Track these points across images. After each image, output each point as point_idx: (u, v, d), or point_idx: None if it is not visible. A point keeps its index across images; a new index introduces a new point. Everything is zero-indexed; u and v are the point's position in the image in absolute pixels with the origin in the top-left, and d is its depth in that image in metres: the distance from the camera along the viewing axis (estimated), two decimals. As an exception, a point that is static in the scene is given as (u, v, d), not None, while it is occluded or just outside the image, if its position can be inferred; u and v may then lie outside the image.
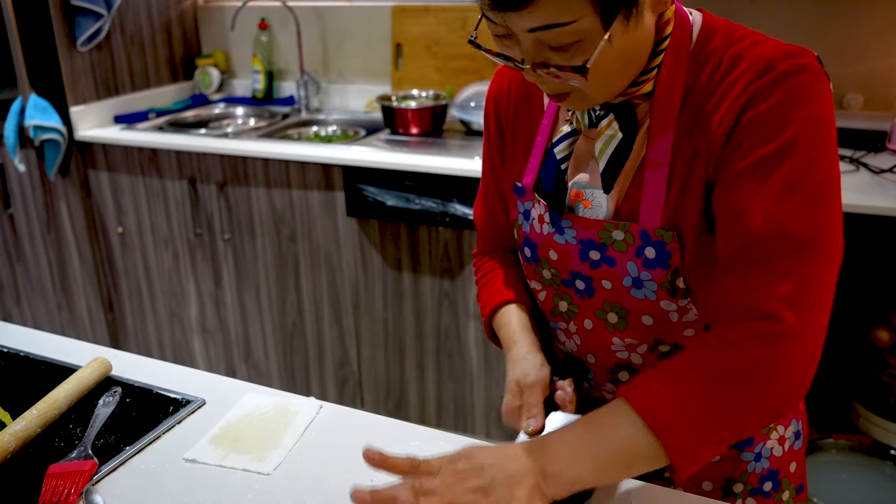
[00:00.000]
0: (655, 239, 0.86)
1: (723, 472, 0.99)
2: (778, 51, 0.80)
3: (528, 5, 0.74)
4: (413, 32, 2.76)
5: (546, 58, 0.79)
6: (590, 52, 0.77)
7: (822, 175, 0.79)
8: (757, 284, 0.79)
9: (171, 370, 1.19)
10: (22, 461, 0.97)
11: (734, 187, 0.81)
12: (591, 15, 0.75)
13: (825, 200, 0.80)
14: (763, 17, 2.32)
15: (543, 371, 0.96)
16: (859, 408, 2.13)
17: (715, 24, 0.87)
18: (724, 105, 0.81)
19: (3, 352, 1.23)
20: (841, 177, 0.83)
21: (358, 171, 2.27)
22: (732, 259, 0.81)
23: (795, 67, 0.78)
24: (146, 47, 2.92)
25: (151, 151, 2.59)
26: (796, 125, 0.78)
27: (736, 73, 0.81)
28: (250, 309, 2.65)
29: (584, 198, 0.92)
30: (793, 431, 1.03)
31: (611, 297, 0.92)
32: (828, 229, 0.80)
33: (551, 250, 0.95)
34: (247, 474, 0.93)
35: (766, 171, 0.79)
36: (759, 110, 0.79)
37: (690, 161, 0.84)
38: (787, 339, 0.78)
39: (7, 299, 3.09)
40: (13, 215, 2.92)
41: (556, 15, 0.74)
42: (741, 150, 0.80)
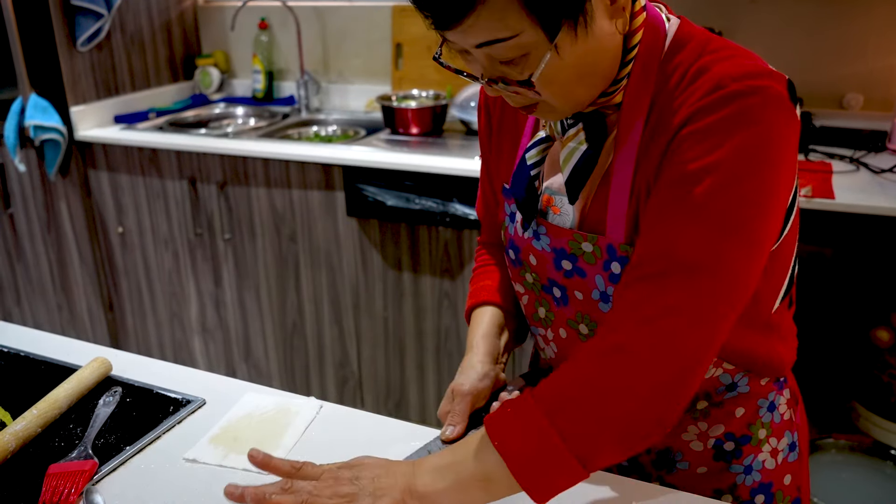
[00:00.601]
0: (620, 254, 0.85)
1: (710, 485, 0.97)
2: (739, 69, 0.76)
3: (462, 22, 0.73)
4: (413, 32, 2.76)
5: (501, 72, 0.79)
6: (536, 64, 0.76)
7: (742, 203, 0.75)
8: (628, 301, 0.78)
9: (171, 370, 1.19)
10: (22, 461, 0.97)
11: (654, 199, 0.80)
12: (532, 28, 0.73)
13: (736, 230, 0.75)
14: (763, 17, 2.32)
15: (482, 383, 0.98)
16: (859, 408, 2.13)
17: (688, 34, 0.83)
18: (675, 116, 0.78)
19: (4, 352, 1.23)
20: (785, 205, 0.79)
21: (358, 171, 2.27)
22: (630, 269, 0.80)
23: (748, 89, 0.74)
24: (146, 47, 2.92)
25: (151, 151, 2.59)
26: (728, 148, 0.74)
27: (695, 85, 0.78)
28: (250, 309, 2.65)
29: (554, 203, 0.91)
30: (786, 444, 1.00)
31: (582, 308, 0.92)
32: (729, 260, 0.75)
33: (531, 255, 0.95)
34: (247, 474, 0.93)
35: (683, 189, 0.76)
36: (696, 126, 0.76)
37: (652, 173, 0.82)
38: (626, 359, 0.76)
39: (7, 299, 3.09)
40: (13, 215, 2.92)
41: (494, 31, 0.73)
42: (670, 164, 0.78)
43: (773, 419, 0.97)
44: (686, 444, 0.96)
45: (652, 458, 0.98)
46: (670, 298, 0.76)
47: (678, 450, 0.97)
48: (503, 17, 0.72)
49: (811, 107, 2.32)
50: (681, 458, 0.97)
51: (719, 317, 0.77)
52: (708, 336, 0.77)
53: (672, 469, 0.98)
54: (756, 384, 0.95)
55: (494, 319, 1.06)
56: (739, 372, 0.93)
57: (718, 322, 0.77)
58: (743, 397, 0.94)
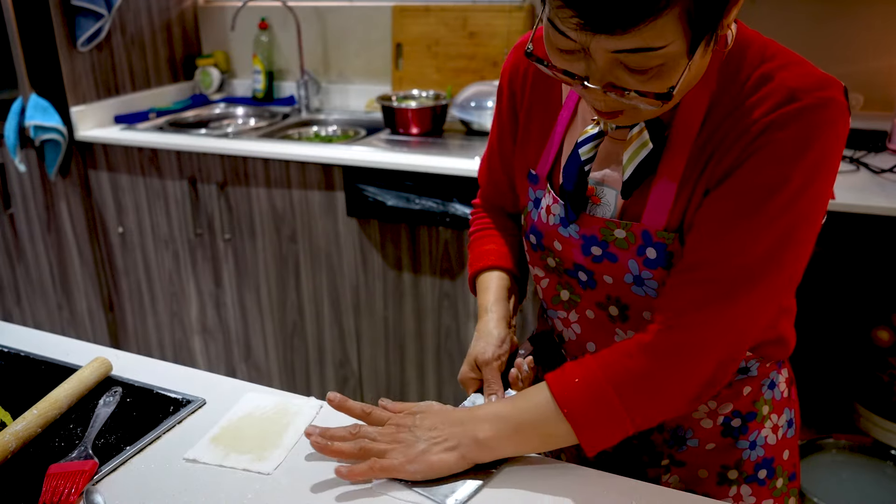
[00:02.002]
0: (657, 240, 0.88)
1: (718, 460, 1.02)
2: (805, 80, 0.79)
3: (630, 31, 0.70)
4: (413, 32, 2.76)
5: (617, 77, 0.76)
6: (669, 76, 0.75)
7: (805, 215, 0.82)
8: (694, 300, 0.84)
9: (171, 370, 1.19)
10: (22, 461, 0.97)
11: (721, 204, 0.83)
12: (680, 40, 0.72)
13: (795, 239, 0.82)
14: (763, 17, 2.32)
15: (502, 349, 1.04)
16: (860, 408, 2.13)
17: (749, 38, 0.85)
18: (743, 123, 0.81)
19: (4, 352, 1.23)
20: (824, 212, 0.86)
21: (358, 171, 2.27)
22: (689, 268, 0.85)
23: (819, 101, 0.78)
24: (146, 47, 2.93)
25: (152, 151, 2.59)
26: (800, 165, 0.79)
27: (761, 93, 0.81)
28: (251, 309, 2.65)
29: (595, 194, 0.93)
30: (786, 420, 1.05)
31: (612, 291, 0.94)
32: (785, 267, 0.84)
33: (556, 241, 0.97)
34: (247, 474, 0.93)
35: (753, 200, 0.81)
36: (771, 138, 0.79)
37: (702, 170, 0.85)
38: (692, 355, 0.85)
39: (7, 299, 3.09)
40: (13, 215, 2.92)
41: (651, 39, 0.71)
42: (742, 171, 0.81)
43: (774, 396, 1.03)
44: (696, 421, 1.00)
45: (665, 436, 1.02)
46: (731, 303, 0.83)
47: (689, 427, 1.01)
48: (665, 28, 0.71)
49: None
50: (691, 436, 1.01)
51: (768, 313, 0.87)
52: (756, 329, 0.88)
53: (682, 446, 1.01)
54: (763, 367, 1.00)
55: (503, 283, 1.10)
56: (754, 358, 0.98)
57: (765, 316, 0.87)
58: (751, 378, 1.00)
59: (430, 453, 0.88)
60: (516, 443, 0.90)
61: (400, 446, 0.89)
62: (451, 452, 0.88)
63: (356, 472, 0.88)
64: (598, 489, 0.89)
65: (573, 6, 0.71)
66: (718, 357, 0.86)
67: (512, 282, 1.12)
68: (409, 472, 0.87)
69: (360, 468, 0.88)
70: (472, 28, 2.65)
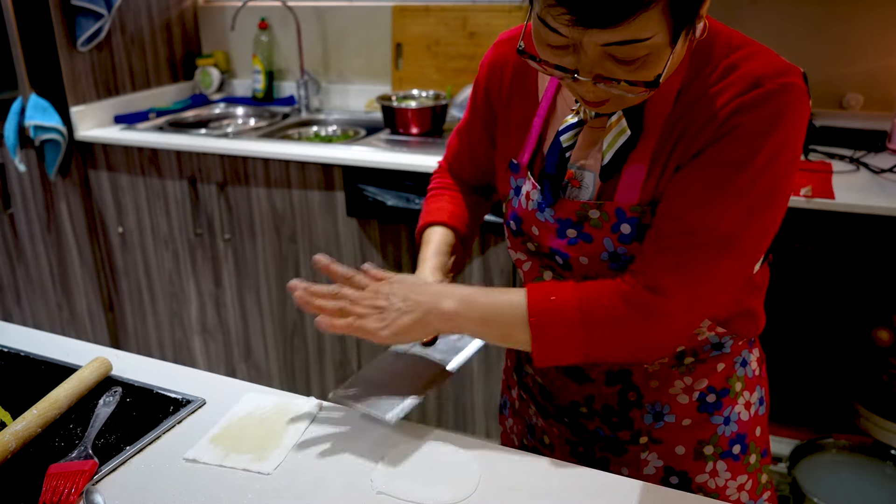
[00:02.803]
0: (631, 216, 0.93)
1: (694, 436, 1.05)
2: (768, 67, 0.87)
3: (619, 25, 0.75)
4: (413, 32, 2.76)
5: (606, 68, 0.81)
6: (654, 65, 0.81)
7: (770, 188, 0.88)
8: (672, 264, 0.89)
9: (171, 370, 1.19)
10: (22, 461, 0.97)
11: (693, 176, 0.88)
12: (664, 31, 0.78)
13: (761, 208, 0.88)
14: (763, 17, 2.32)
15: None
16: (860, 408, 2.13)
17: (716, 29, 0.90)
18: (713, 108, 0.87)
19: (4, 352, 1.23)
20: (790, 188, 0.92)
21: (358, 171, 2.27)
22: (663, 235, 0.90)
23: (782, 86, 0.85)
24: (146, 47, 2.93)
25: (152, 151, 2.59)
26: (766, 143, 0.85)
27: (728, 80, 0.87)
28: (250, 309, 2.65)
29: (574, 177, 0.98)
30: (757, 397, 1.09)
31: (588, 271, 0.99)
32: (754, 235, 0.90)
33: (534, 226, 1.02)
34: (247, 474, 0.93)
35: (723, 174, 0.87)
36: (739, 121, 0.85)
37: (671, 150, 0.91)
38: (662, 317, 0.90)
39: (7, 299, 3.09)
40: (13, 215, 2.92)
41: (638, 31, 0.77)
42: (714, 149, 0.87)
43: (746, 374, 1.07)
44: (673, 397, 1.04)
45: (644, 412, 1.06)
46: (705, 266, 0.89)
47: (666, 402, 1.05)
48: (650, 20, 0.76)
49: (811, 106, 2.32)
50: (668, 411, 1.05)
51: (736, 280, 0.93)
52: (723, 295, 0.93)
53: (660, 422, 1.05)
54: (736, 344, 1.05)
55: (445, 238, 1.16)
56: (728, 335, 1.03)
57: (734, 284, 0.93)
58: (724, 355, 1.04)
59: (401, 320, 0.97)
60: (477, 326, 0.97)
61: (376, 312, 0.98)
62: (417, 321, 0.97)
63: (337, 325, 0.98)
64: (597, 489, 0.90)
65: (565, 4, 0.75)
66: (686, 320, 0.92)
67: (456, 239, 1.17)
68: (382, 336, 0.97)
69: (340, 323, 0.98)
70: (472, 28, 2.65)
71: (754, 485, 1.10)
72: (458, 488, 0.89)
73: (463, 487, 0.89)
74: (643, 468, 1.07)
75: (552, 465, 0.94)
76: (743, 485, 1.08)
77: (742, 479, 1.08)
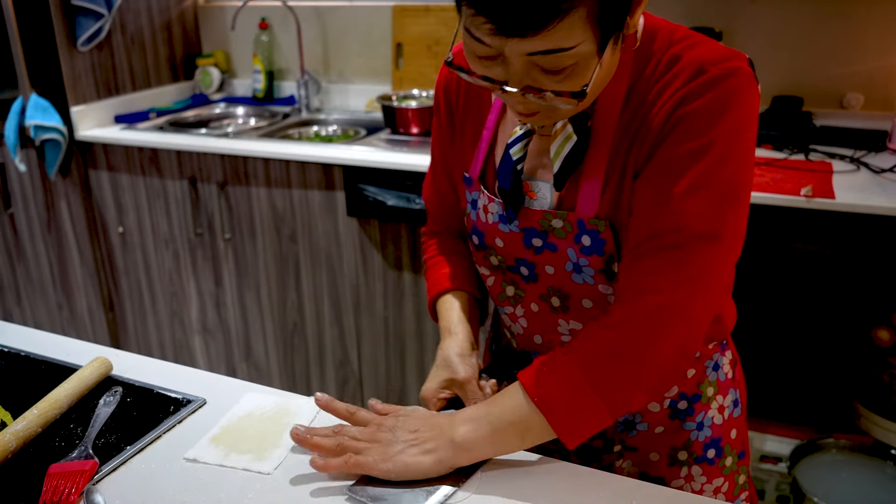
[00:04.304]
0: (590, 227, 0.91)
1: (668, 442, 1.05)
2: (712, 54, 0.84)
3: (539, 33, 0.74)
4: (413, 32, 2.76)
5: (534, 79, 0.80)
6: (581, 75, 0.79)
7: (734, 174, 0.85)
8: (654, 269, 0.86)
9: (171, 370, 1.19)
10: (23, 461, 0.97)
11: (653, 179, 0.86)
12: (590, 40, 0.77)
13: (732, 198, 0.85)
14: (763, 17, 2.32)
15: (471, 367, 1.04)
16: (860, 407, 2.13)
17: (656, 25, 0.89)
18: (659, 102, 0.85)
19: (4, 351, 1.23)
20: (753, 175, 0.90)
21: (358, 170, 2.27)
22: (636, 245, 0.88)
23: (726, 71, 0.83)
24: (147, 47, 2.93)
25: (152, 151, 2.59)
26: (718, 128, 0.83)
27: (672, 72, 0.85)
28: (251, 309, 2.65)
29: (531, 189, 0.97)
30: (731, 400, 1.09)
31: (553, 282, 0.98)
32: (730, 225, 0.86)
33: (497, 238, 1.01)
34: (247, 474, 0.93)
35: (683, 167, 0.84)
36: (686, 110, 0.83)
37: (626, 155, 0.89)
38: (657, 320, 0.85)
39: (8, 299, 3.09)
40: (14, 215, 2.92)
41: (560, 40, 0.75)
42: (665, 146, 0.85)
43: (718, 377, 1.07)
44: (645, 406, 1.04)
45: (616, 421, 1.05)
46: (690, 265, 0.85)
47: (637, 412, 1.04)
48: (572, 28, 0.75)
49: (811, 106, 2.32)
50: (640, 420, 1.05)
51: (725, 273, 0.90)
52: (718, 290, 0.90)
53: (632, 431, 1.05)
54: (705, 348, 1.04)
55: (463, 305, 1.11)
56: None
57: (724, 277, 0.90)
58: (694, 361, 1.03)
59: (406, 454, 0.88)
60: (494, 442, 0.89)
61: (377, 445, 0.90)
62: (427, 455, 0.88)
63: (331, 464, 0.89)
64: (597, 489, 0.89)
65: (484, 13, 0.75)
66: (680, 321, 0.87)
67: (471, 301, 1.13)
68: (382, 470, 0.88)
69: (335, 462, 0.89)
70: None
71: (731, 486, 1.10)
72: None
73: (462, 487, 0.89)
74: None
75: (552, 465, 0.94)
76: (719, 488, 1.08)
77: (718, 482, 1.08)
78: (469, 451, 0.89)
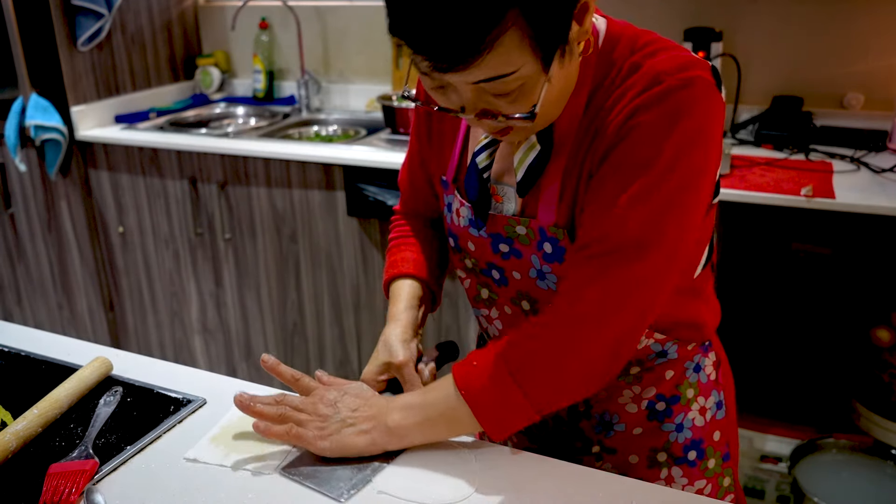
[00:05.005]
0: (550, 235, 0.92)
1: (647, 444, 1.05)
2: (670, 63, 0.84)
3: (471, 65, 0.75)
4: (414, 32, 2.75)
5: (487, 102, 0.81)
6: (532, 94, 0.80)
7: (681, 186, 0.84)
8: (586, 277, 0.87)
9: (171, 370, 1.19)
10: (23, 460, 0.97)
11: (601, 186, 0.87)
12: (532, 61, 0.77)
13: (676, 209, 0.85)
14: (763, 17, 2.32)
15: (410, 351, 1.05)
16: (860, 407, 2.13)
17: (619, 31, 0.89)
18: (615, 110, 0.85)
19: (4, 351, 1.23)
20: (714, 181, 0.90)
21: (359, 170, 2.27)
22: (578, 248, 0.88)
23: (682, 82, 0.82)
24: (147, 47, 2.93)
25: (152, 151, 2.59)
26: (668, 140, 0.82)
27: (630, 81, 0.85)
28: (251, 308, 2.65)
29: (497, 193, 0.97)
30: (714, 402, 1.08)
31: (521, 287, 0.99)
32: (670, 236, 0.86)
33: (469, 241, 1.02)
34: (247, 474, 0.93)
35: (629, 177, 0.84)
36: (639, 120, 0.83)
37: (582, 162, 0.89)
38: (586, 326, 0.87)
39: (8, 299, 3.10)
40: (14, 215, 2.92)
41: (499, 67, 0.76)
42: (615, 154, 0.85)
43: (699, 379, 1.06)
44: (622, 406, 1.04)
45: (593, 422, 1.06)
46: (622, 272, 0.85)
47: (615, 412, 1.05)
48: (508, 54, 0.75)
49: (811, 106, 2.32)
50: (617, 421, 1.05)
51: (660, 283, 0.88)
52: (651, 300, 0.88)
53: (610, 432, 1.05)
54: (684, 350, 1.03)
55: (414, 292, 1.12)
56: (670, 341, 1.01)
57: (660, 288, 0.88)
58: (672, 362, 1.03)
59: (343, 434, 0.92)
60: (424, 429, 0.93)
61: (317, 419, 0.93)
62: (362, 436, 0.92)
63: (273, 431, 0.93)
64: (597, 489, 0.90)
65: (419, 51, 0.76)
66: (615, 330, 0.87)
67: (424, 290, 1.14)
68: (319, 447, 0.92)
69: (277, 429, 0.93)
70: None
71: (714, 489, 1.09)
72: (458, 488, 0.89)
73: (463, 487, 0.90)
74: None
75: (552, 464, 0.94)
76: (701, 490, 1.07)
77: (700, 483, 1.07)
78: (400, 437, 0.93)
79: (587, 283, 0.87)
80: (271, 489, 0.91)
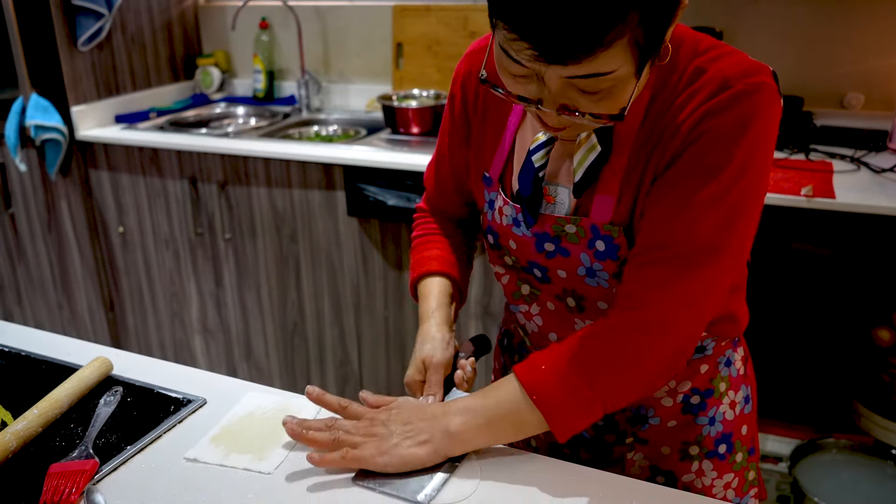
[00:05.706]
0: (604, 233, 0.92)
1: (680, 437, 1.06)
2: (736, 68, 0.84)
3: (581, 61, 0.73)
4: (414, 32, 2.76)
5: (570, 98, 0.79)
6: (618, 95, 0.79)
7: (750, 189, 0.86)
8: (658, 280, 0.87)
9: (172, 369, 1.19)
10: (23, 460, 0.97)
11: (670, 189, 0.87)
12: (629, 64, 0.76)
13: (742, 215, 0.87)
14: (763, 17, 2.32)
15: (448, 351, 1.06)
16: (860, 407, 2.13)
17: (680, 36, 0.89)
18: (682, 115, 0.85)
19: (4, 351, 1.23)
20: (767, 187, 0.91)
21: (359, 170, 2.27)
22: (643, 252, 0.89)
23: (751, 87, 0.83)
24: (147, 47, 2.93)
25: (152, 151, 2.59)
26: (739, 145, 0.83)
27: (696, 85, 0.85)
28: (251, 308, 2.65)
29: (549, 193, 0.97)
30: (742, 396, 1.09)
31: (567, 284, 0.99)
32: (736, 240, 0.88)
33: (511, 240, 1.02)
34: (248, 474, 0.93)
35: (700, 182, 0.85)
36: (709, 125, 0.83)
37: (645, 163, 0.89)
38: (659, 331, 0.88)
39: (8, 299, 3.10)
40: (14, 215, 2.92)
41: (601, 66, 0.75)
42: (685, 159, 0.86)
43: (730, 374, 1.07)
44: (657, 400, 1.05)
45: (627, 415, 1.06)
46: (692, 277, 0.87)
47: (650, 406, 1.05)
48: (615, 55, 0.74)
49: (811, 106, 2.32)
50: (653, 414, 1.06)
51: (725, 285, 0.91)
52: (715, 302, 0.92)
53: (644, 424, 1.06)
54: (719, 345, 1.05)
55: (445, 289, 1.13)
56: (710, 337, 1.03)
57: (723, 289, 0.92)
58: (707, 357, 1.05)
59: (402, 447, 0.90)
60: (488, 433, 0.92)
61: (373, 439, 0.91)
62: (422, 446, 0.90)
63: (328, 459, 0.90)
64: (597, 489, 0.90)
65: (527, 38, 0.73)
66: (680, 333, 0.89)
67: (453, 287, 1.14)
68: (379, 463, 0.90)
69: (332, 456, 0.90)
70: (473, 28, 2.65)
71: (741, 483, 1.10)
72: (458, 488, 0.89)
73: (463, 487, 0.90)
74: (629, 468, 1.07)
75: (552, 465, 0.94)
76: (729, 483, 1.09)
77: (728, 477, 1.09)
78: (464, 442, 0.91)
79: (655, 287, 0.87)
80: (271, 489, 0.91)
